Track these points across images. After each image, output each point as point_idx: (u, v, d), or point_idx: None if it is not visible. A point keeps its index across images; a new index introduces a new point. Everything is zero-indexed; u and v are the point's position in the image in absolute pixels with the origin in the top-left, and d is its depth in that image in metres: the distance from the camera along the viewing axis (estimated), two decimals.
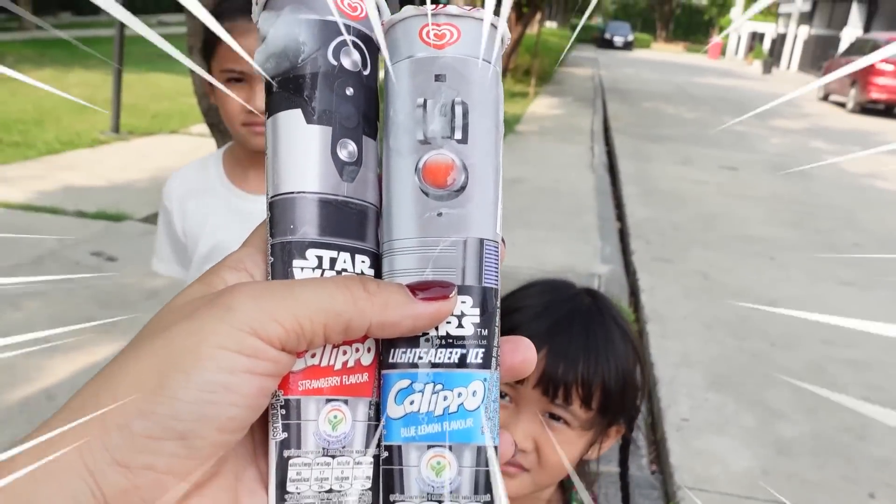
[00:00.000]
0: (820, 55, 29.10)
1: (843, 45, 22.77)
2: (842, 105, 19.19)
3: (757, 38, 40.09)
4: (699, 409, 3.48)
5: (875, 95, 17.48)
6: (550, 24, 32.69)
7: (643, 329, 4.35)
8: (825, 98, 20.75)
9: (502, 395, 0.82)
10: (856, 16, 30.21)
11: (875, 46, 18.13)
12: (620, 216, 7.07)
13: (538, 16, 18.06)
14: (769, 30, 40.05)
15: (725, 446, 3.19)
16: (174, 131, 8.49)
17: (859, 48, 19.34)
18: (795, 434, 3.34)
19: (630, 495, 1.08)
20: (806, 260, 5.97)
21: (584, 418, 0.84)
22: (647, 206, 7.31)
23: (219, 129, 5.19)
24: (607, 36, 43.83)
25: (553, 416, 0.85)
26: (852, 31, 26.64)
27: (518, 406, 0.84)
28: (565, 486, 0.97)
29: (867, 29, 26.94)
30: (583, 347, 0.83)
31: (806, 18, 35.69)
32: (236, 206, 1.36)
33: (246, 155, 1.40)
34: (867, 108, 18.16)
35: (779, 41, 37.46)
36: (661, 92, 18.46)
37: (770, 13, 44.12)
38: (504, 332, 0.81)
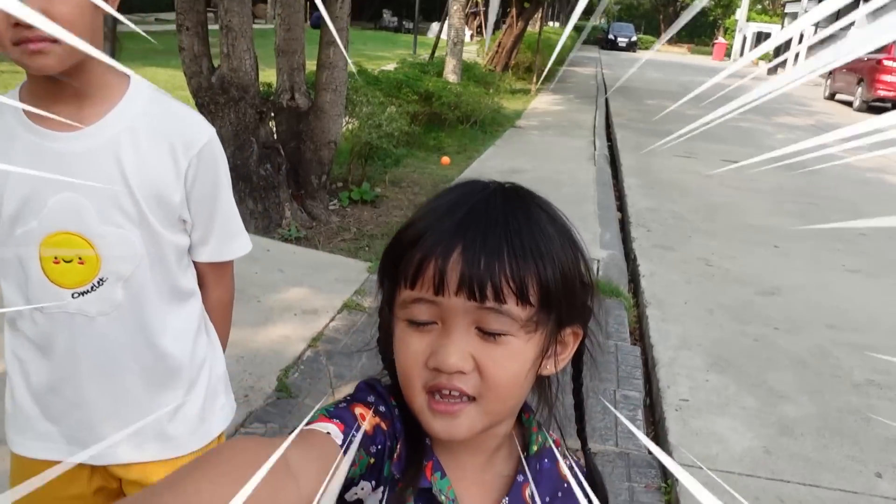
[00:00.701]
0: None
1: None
2: (849, 104, 19.04)
3: (763, 38, 39.92)
4: (699, 390, 3.37)
5: (882, 93, 17.33)
6: (553, 24, 32.57)
7: (642, 313, 4.24)
8: (832, 97, 20.61)
9: (423, 323, 0.70)
10: (862, 16, 30.03)
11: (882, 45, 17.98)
12: (621, 206, 6.97)
13: (539, 13, 17.97)
14: (775, 30, 39.89)
15: (726, 426, 3.08)
16: None
17: None
18: (799, 415, 3.23)
19: (584, 420, 0.90)
20: (811, 248, 5.85)
21: (525, 317, 0.69)
22: (649, 196, 7.21)
23: (209, 109, 5.11)
24: (611, 36, 43.75)
25: (487, 333, 0.69)
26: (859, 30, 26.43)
27: (445, 324, 0.69)
28: (524, 424, 0.82)
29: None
30: (504, 235, 0.68)
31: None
32: (44, 149, 1.14)
33: (41, 86, 1.14)
34: (874, 107, 18.01)
35: (785, 42, 37.19)
36: (665, 90, 18.34)
37: (776, 13, 43.99)
38: (406, 243, 0.67)
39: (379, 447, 0.71)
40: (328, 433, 0.65)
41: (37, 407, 1.28)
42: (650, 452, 2.96)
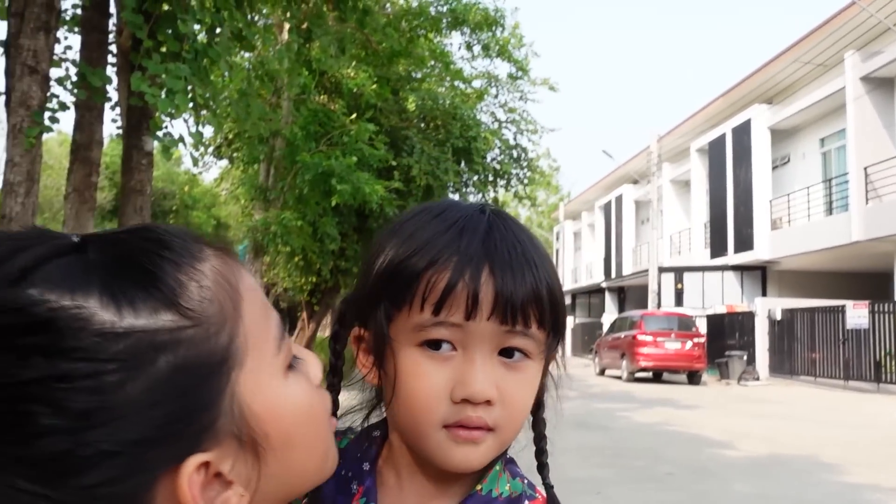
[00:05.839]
0: (588, 339, 32.25)
1: (606, 327, 25.52)
2: (618, 377, 20.89)
3: None
4: None
5: (643, 363, 19.30)
6: None
7: None
8: (602, 373, 22.57)
9: (437, 344, 0.65)
10: (610, 303, 34.44)
11: (633, 322, 20.49)
12: None
13: (329, 317, 18.56)
14: None
15: None
16: None
17: (619, 326, 21.71)
18: None
19: (545, 452, 0.75)
20: (629, 490, 5.92)
21: (542, 341, 0.67)
22: None
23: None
24: None
25: (506, 353, 0.66)
26: (609, 316, 30.10)
27: (466, 350, 0.65)
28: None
29: (621, 312, 30.64)
30: (524, 257, 0.67)
31: (570, 310, 40.08)
32: None
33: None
34: (639, 377, 19.91)
35: None
36: None
37: None
38: (420, 265, 0.65)
39: None
40: None
41: None
42: None
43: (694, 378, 19.50)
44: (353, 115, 12.73)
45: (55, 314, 0.45)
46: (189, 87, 5.05)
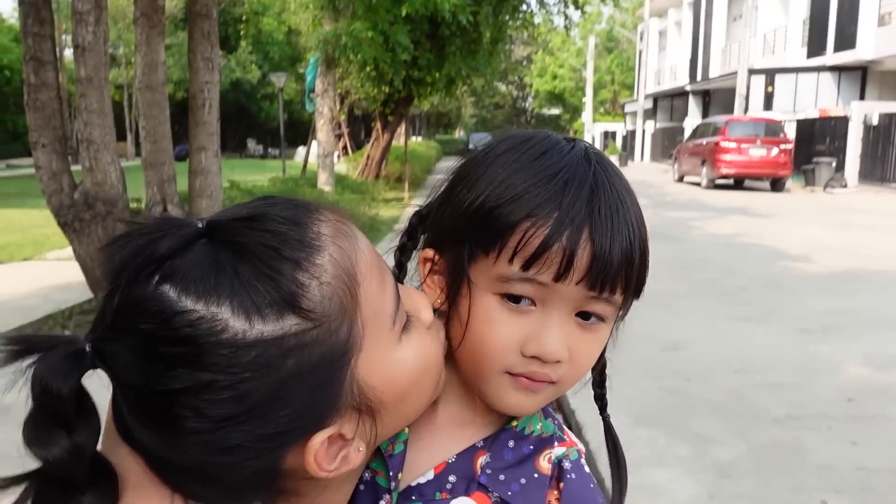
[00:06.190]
0: (668, 144, 31.40)
1: (688, 133, 24.65)
2: (697, 184, 20.51)
3: (609, 136, 43.00)
4: (630, 446, 3.21)
5: (724, 171, 18.81)
6: (416, 139, 33.78)
7: None
8: (681, 179, 22.17)
9: (517, 299, 0.63)
10: (694, 107, 33.06)
11: (716, 128, 19.72)
12: None
13: (403, 127, 18.54)
14: (619, 128, 43.11)
15: (665, 477, 2.94)
16: (27, 258, 7.83)
17: (702, 132, 20.96)
18: (733, 456, 3.15)
19: (605, 386, 0.77)
20: (700, 305, 6.02)
21: (619, 304, 0.66)
22: None
23: (73, 227, 4.74)
24: (471, 146, 45.76)
25: (583, 314, 0.65)
26: (692, 121, 28.97)
27: (545, 307, 0.64)
28: None
29: (705, 117, 29.43)
30: (624, 222, 0.63)
31: (650, 114, 38.73)
32: None
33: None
34: (719, 184, 19.49)
35: (630, 137, 40.28)
36: None
37: (617, 114, 47.68)
38: (516, 214, 0.62)
39: None
40: None
41: None
42: None
43: (777, 185, 18.97)
44: None
45: (194, 329, 0.49)
46: None
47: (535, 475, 0.68)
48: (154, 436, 0.52)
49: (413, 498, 0.68)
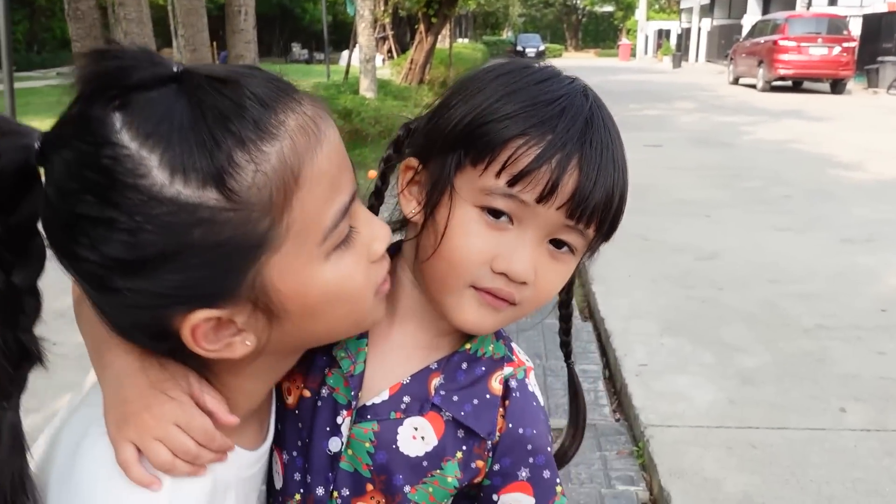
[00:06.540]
0: (725, 44, 30.06)
1: (746, 31, 23.52)
2: (752, 86, 19.74)
3: (664, 35, 41.33)
4: (656, 354, 3.32)
5: (782, 72, 18.03)
6: (462, 41, 32.94)
7: (588, 290, 4.19)
8: (736, 81, 21.35)
9: (497, 213, 0.65)
10: (754, 3, 31.39)
11: (775, 26, 18.79)
12: None
13: (448, 29, 18.09)
14: (674, 26, 41.35)
15: (688, 383, 3.03)
16: None
17: (760, 30, 19.99)
18: (757, 364, 3.21)
19: (570, 333, 0.89)
20: (740, 214, 5.95)
21: (590, 239, 0.68)
22: None
23: None
24: (520, 48, 44.58)
25: (556, 242, 0.67)
26: (752, 17, 27.57)
27: (522, 227, 0.65)
28: None
29: (765, 13, 27.96)
30: (612, 159, 0.66)
31: (707, 11, 36.95)
32: None
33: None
34: (776, 86, 18.73)
35: (684, 35, 38.67)
36: None
37: (672, 11, 45.59)
38: (510, 130, 0.63)
39: None
40: None
41: None
42: (616, 421, 2.89)
43: (837, 87, 18.17)
44: None
45: (116, 164, 0.50)
46: None
47: (487, 396, 0.71)
48: (57, 252, 0.55)
49: (368, 417, 0.70)
